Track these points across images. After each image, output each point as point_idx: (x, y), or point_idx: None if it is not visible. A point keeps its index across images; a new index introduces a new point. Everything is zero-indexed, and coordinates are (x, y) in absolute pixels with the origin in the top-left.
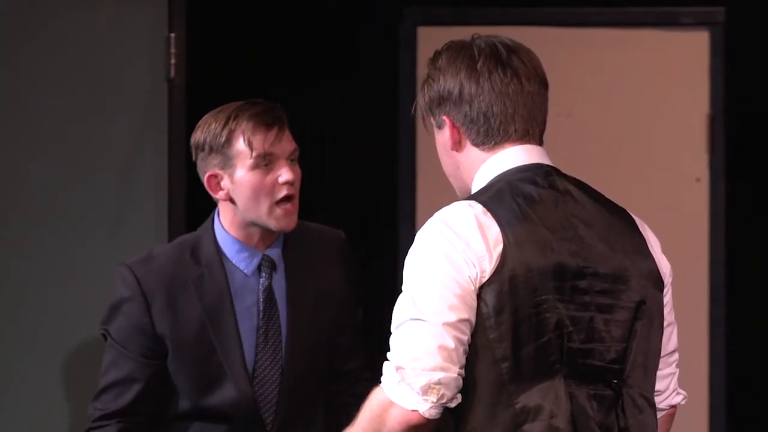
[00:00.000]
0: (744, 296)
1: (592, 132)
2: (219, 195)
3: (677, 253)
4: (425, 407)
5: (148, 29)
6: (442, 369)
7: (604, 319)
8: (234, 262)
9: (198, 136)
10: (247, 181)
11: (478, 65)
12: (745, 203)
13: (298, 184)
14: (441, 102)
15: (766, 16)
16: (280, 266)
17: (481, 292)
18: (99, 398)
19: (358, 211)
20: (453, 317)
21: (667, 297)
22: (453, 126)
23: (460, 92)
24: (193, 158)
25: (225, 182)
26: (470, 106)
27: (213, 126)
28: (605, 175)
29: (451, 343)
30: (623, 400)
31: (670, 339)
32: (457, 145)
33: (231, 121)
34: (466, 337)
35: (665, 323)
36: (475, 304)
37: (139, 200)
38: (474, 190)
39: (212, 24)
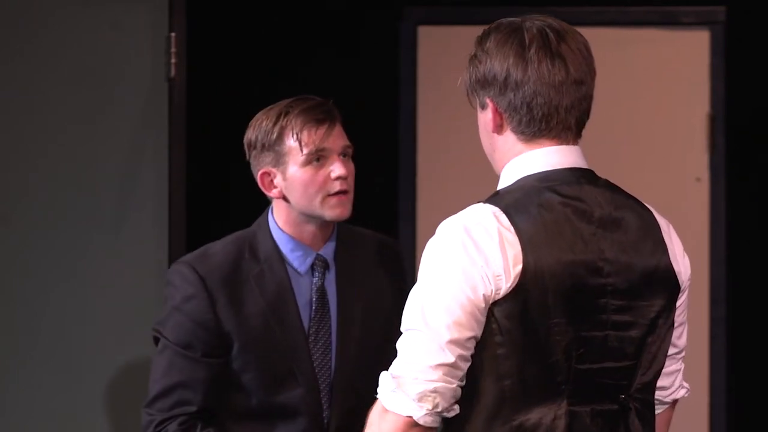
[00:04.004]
0: (744, 296)
1: (593, 131)
2: (273, 193)
3: None
4: (420, 414)
5: (149, 29)
6: (440, 380)
7: (618, 336)
8: (289, 260)
9: (250, 134)
10: (299, 178)
11: (528, 53)
12: (745, 203)
13: (351, 180)
14: (486, 85)
15: (766, 16)
16: (332, 267)
17: (493, 308)
18: (157, 402)
19: (358, 211)
20: (458, 334)
21: (682, 299)
22: (496, 110)
23: (506, 79)
24: (246, 157)
25: (278, 180)
26: (514, 94)
27: (264, 124)
28: (606, 174)
29: (451, 359)
30: (629, 414)
31: (680, 338)
32: (499, 128)
33: (282, 118)
34: (468, 353)
35: (676, 324)
36: (483, 320)
37: (139, 200)
38: (502, 179)
39: (212, 24)
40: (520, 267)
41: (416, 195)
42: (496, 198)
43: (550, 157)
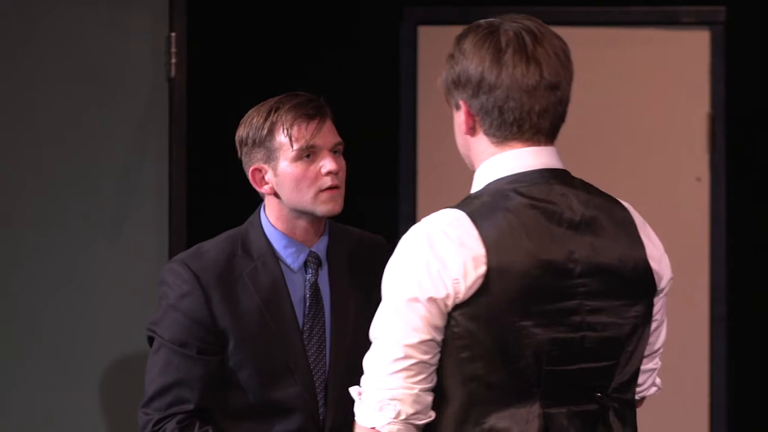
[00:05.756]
0: (744, 295)
1: (593, 131)
2: (264, 189)
3: (678, 252)
4: (382, 423)
5: (149, 29)
6: (399, 387)
7: (596, 337)
8: (282, 257)
9: (241, 131)
10: (290, 173)
11: (503, 57)
12: (745, 202)
13: (342, 175)
14: (459, 86)
15: (766, 16)
16: (325, 264)
17: (454, 312)
18: (154, 401)
19: (358, 211)
20: (415, 339)
21: (660, 299)
22: (468, 113)
23: (480, 82)
24: (238, 155)
25: (269, 176)
26: (487, 98)
27: (255, 120)
28: (606, 174)
29: (407, 363)
30: (608, 413)
31: (658, 337)
32: (471, 131)
33: (272, 114)
34: (428, 357)
35: (654, 324)
36: (442, 324)
37: (139, 200)
38: (475, 182)
39: (212, 24)
40: (483, 269)
41: (416, 195)
42: (464, 203)
43: (521, 159)
